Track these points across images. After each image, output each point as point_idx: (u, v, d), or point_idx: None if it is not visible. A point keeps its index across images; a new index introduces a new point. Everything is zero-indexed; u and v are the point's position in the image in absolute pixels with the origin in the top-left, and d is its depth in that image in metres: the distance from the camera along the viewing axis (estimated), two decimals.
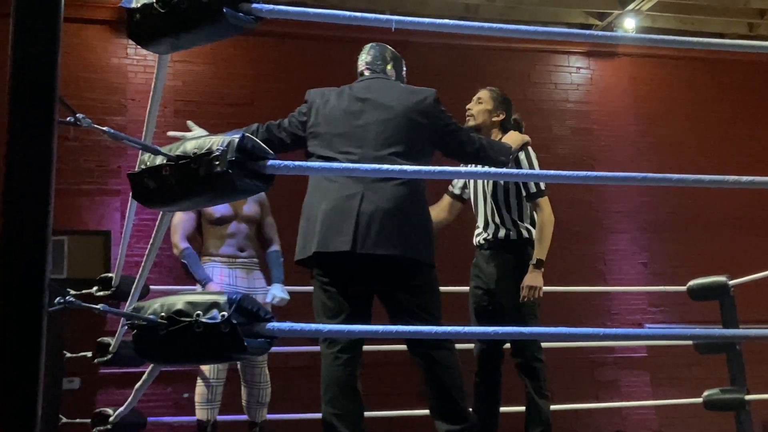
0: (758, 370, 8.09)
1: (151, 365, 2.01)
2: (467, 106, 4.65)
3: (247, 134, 1.78)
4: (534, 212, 4.67)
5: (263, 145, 1.84)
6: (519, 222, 4.63)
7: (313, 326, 2.07)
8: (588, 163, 10.27)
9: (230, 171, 1.73)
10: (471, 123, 4.60)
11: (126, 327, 2.17)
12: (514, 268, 4.52)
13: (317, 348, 3.85)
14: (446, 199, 4.91)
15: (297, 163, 1.93)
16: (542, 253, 4.51)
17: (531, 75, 10.64)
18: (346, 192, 3.45)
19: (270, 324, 1.82)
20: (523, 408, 4.75)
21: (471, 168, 4.53)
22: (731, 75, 11.13)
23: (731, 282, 5.05)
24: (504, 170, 2.09)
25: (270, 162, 1.83)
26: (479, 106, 4.59)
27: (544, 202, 4.65)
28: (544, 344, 7.04)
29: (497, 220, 4.60)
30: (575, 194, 10.07)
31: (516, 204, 4.65)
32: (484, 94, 4.68)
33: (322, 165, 1.76)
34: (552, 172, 2.34)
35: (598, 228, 10.33)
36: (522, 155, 4.56)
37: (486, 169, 3.40)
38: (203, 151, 1.75)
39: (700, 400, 5.07)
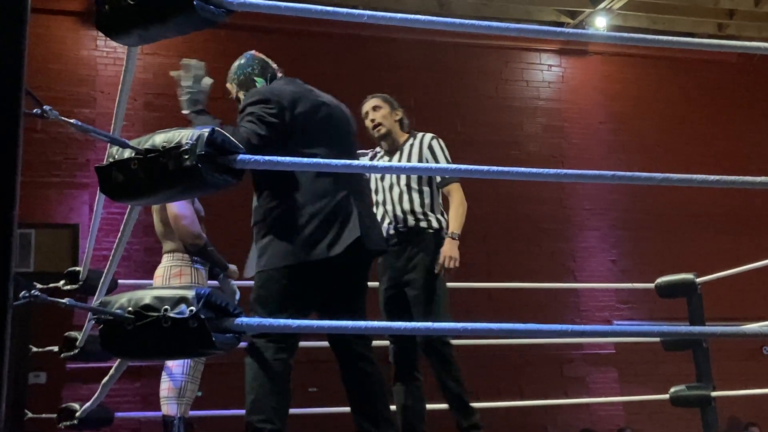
0: (724, 366, 8.19)
1: (119, 360, 1.99)
2: (371, 118, 4.51)
3: (217, 128, 1.77)
4: (448, 198, 4.52)
5: (233, 139, 1.83)
6: (430, 212, 4.43)
7: (283, 321, 2.06)
8: (558, 161, 10.34)
9: (200, 165, 1.71)
10: (383, 131, 4.50)
11: (93, 321, 2.15)
12: (428, 260, 4.32)
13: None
14: None
15: (267, 158, 1.92)
16: (458, 227, 4.37)
17: (503, 72, 10.68)
18: (344, 191, 3.49)
19: (239, 319, 1.80)
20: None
21: (446, 165, 4.54)
22: (700, 74, 11.26)
23: (698, 280, 5.10)
24: (466, 167, 2.10)
25: (240, 156, 1.82)
26: (380, 112, 4.51)
27: (457, 188, 4.50)
28: (516, 341, 7.09)
29: (406, 207, 4.38)
30: (546, 192, 10.13)
31: (428, 192, 4.46)
32: (376, 101, 4.57)
33: (292, 160, 1.76)
34: (523, 169, 2.34)
35: (568, 225, 10.40)
36: (435, 142, 4.52)
37: (446, 165, 3.33)
38: (172, 145, 1.73)
39: (666, 396, 5.11)
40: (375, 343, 3.79)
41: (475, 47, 10.42)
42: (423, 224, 4.38)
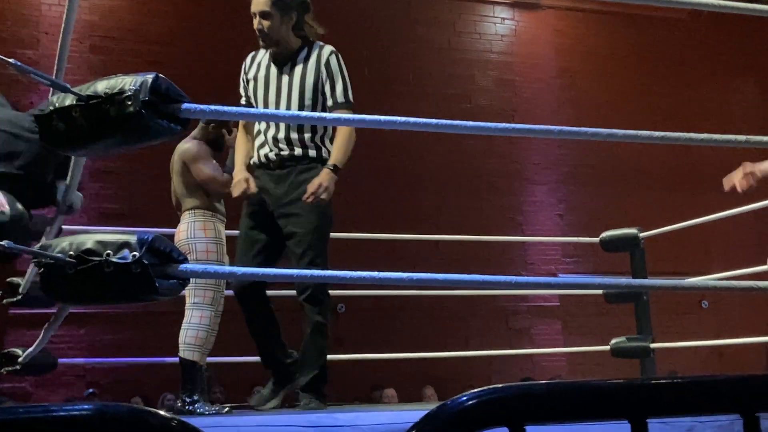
0: (664, 319, 8.40)
1: (60, 305, 1.98)
2: (257, 25, 3.81)
3: (161, 75, 1.74)
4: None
5: (178, 88, 1.80)
6: (321, 141, 3.84)
7: (228, 269, 2.06)
8: (509, 115, 10.38)
9: (143, 112, 1.69)
10: (269, 42, 3.84)
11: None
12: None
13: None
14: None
15: (213, 107, 1.90)
16: (340, 160, 3.72)
17: (456, 24, 10.64)
18: None
19: (183, 265, 1.80)
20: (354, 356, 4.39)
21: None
22: (651, 31, 11.33)
23: (642, 235, 5.18)
24: (416, 120, 2.09)
25: (185, 105, 1.80)
26: (269, 21, 3.78)
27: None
28: (462, 292, 7.16)
29: (294, 136, 3.78)
30: (495, 146, 10.18)
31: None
32: (266, 5, 3.78)
33: (238, 110, 1.74)
34: (472, 123, 2.35)
35: (516, 179, 10.49)
36: (333, 58, 3.86)
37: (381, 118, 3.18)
38: (115, 91, 1.70)
39: (607, 347, 5.22)
40: None
41: None
42: (312, 154, 3.82)
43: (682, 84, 11.31)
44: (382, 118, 2.77)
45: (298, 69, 3.85)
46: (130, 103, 1.68)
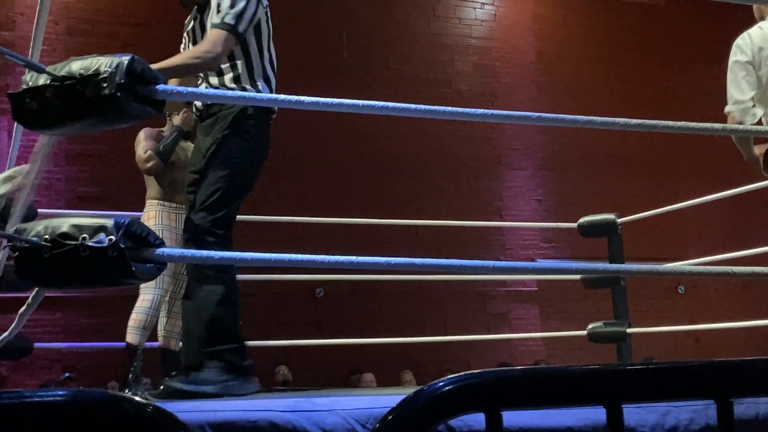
0: (641, 304, 8.46)
1: (36, 289, 1.96)
2: None
3: (137, 57, 1.72)
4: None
5: (153, 70, 1.78)
6: (237, 83, 3.33)
7: (204, 253, 2.05)
8: (489, 100, 10.38)
9: (118, 94, 1.67)
10: None
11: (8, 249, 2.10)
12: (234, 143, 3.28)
13: None
14: None
15: (189, 89, 1.89)
16: (166, 65, 2.90)
17: (436, 8, 10.61)
18: None
19: (160, 249, 1.79)
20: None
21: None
22: (630, 17, 11.36)
23: (619, 220, 5.20)
24: (394, 105, 2.08)
25: (161, 87, 1.78)
26: None
27: (220, 35, 3.19)
28: (440, 277, 7.16)
29: (213, 80, 3.30)
30: (475, 131, 10.19)
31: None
32: None
33: (215, 92, 1.71)
34: (450, 109, 2.35)
35: (495, 165, 10.50)
36: None
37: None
38: (90, 72, 1.68)
39: (584, 332, 5.25)
40: None
41: None
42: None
43: (661, 71, 11.36)
44: (361, 102, 2.76)
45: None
46: (105, 84, 1.67)
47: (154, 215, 4.22)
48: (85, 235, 1.68)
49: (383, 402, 2.09)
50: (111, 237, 1.68)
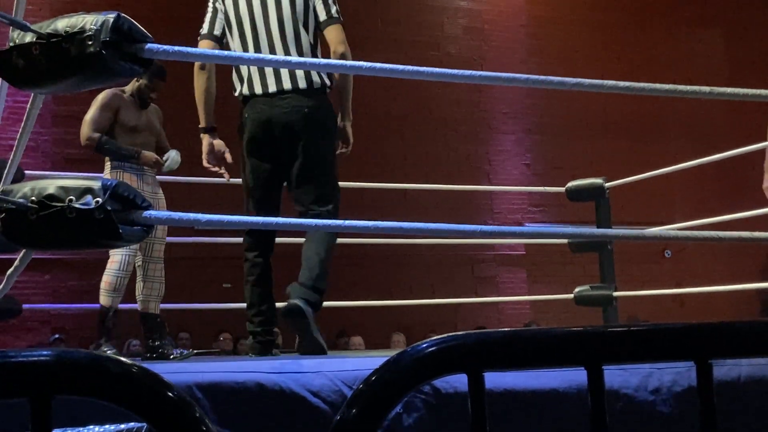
0: (627, 268, 8.50)
1: (23, 251, 1.96)
2: None
3: (123, 14, 1.70)
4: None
5: (141, 27, 1.77)
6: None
7: (192, 215, 2.04)
8: (478, 63, 10.33)
9: (104, 52, 1.66)
10: None
11: None
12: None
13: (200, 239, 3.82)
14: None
15: (177, 48, 1.87)
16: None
17: None
18: None
19: (147, 212, 1.79)
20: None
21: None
22: None
23: (607, 185, 5.22)
24: (382, 65, 2.07)
25: (148, 45, 1.77)
26: None
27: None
28: (429, 240, 7.20)
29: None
30: (462, 94, 10.15)
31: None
32: None
33: (203, 51, 1.70)
34: (439, 70, 2.34)
35: (484, 128, 10.49)
36: None
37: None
38: (75, 30, 1.67)
39: (571, 296, 5.28)
40: None
41: None
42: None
43: (649, 34, 11.32)
44: (348, 63, 2.76)
45: None
46: (90, 42, 1.65)
47: (116, 177, 4.25)
48: (71, 197, 1.68)
49: (370, 364, 2.10)
50: (98, 199, 1.68)
